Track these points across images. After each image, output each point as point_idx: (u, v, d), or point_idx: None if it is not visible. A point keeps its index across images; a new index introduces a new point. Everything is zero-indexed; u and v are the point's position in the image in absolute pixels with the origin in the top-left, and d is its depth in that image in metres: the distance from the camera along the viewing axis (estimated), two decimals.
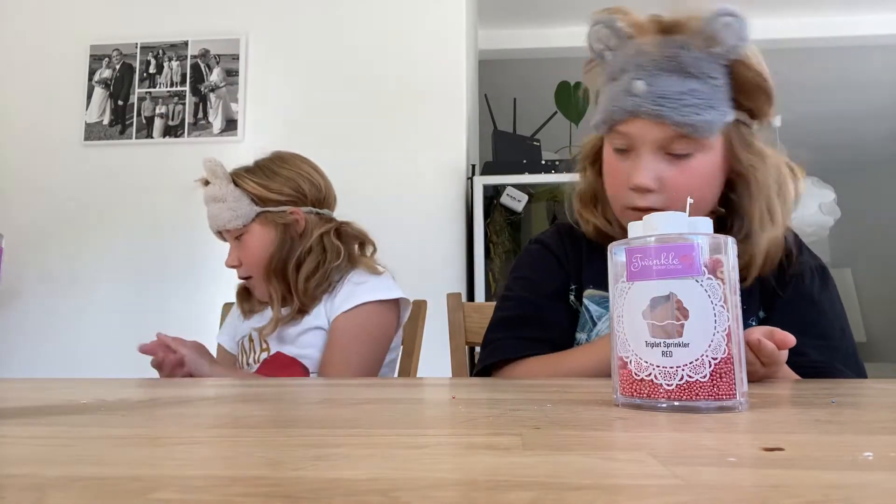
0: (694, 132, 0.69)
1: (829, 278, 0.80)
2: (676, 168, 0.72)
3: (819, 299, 0.77)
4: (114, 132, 2.30)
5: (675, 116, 0.69)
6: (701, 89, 0.69)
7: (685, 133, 0.70)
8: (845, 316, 0.79)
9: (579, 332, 0.83)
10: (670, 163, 0.72)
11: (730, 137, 0.74)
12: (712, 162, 0.73)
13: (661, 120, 0.69)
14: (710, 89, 0.70)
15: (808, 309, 0.77)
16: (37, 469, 0.24)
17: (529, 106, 2.93)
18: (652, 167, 0.72)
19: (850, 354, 0.75)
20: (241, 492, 0.20)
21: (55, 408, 0.44)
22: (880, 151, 4.74)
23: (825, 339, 0.75)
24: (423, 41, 2.28)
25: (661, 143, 0.72)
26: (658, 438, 0.30)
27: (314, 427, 0.34)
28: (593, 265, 0.85)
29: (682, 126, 0.69)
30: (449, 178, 2.21)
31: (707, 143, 0.71)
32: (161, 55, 2.33)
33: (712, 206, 0.78)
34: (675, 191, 0.72)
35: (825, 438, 0.30)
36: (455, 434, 0.32)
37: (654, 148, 0.72)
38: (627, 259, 0.41)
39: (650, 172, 0.72)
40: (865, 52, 3.33)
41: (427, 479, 0.22)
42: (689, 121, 0.69)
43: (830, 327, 0.76)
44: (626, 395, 0.41)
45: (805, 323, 0.74)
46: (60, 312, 2.18)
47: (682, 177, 0.72)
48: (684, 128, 0.69)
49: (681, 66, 0.69)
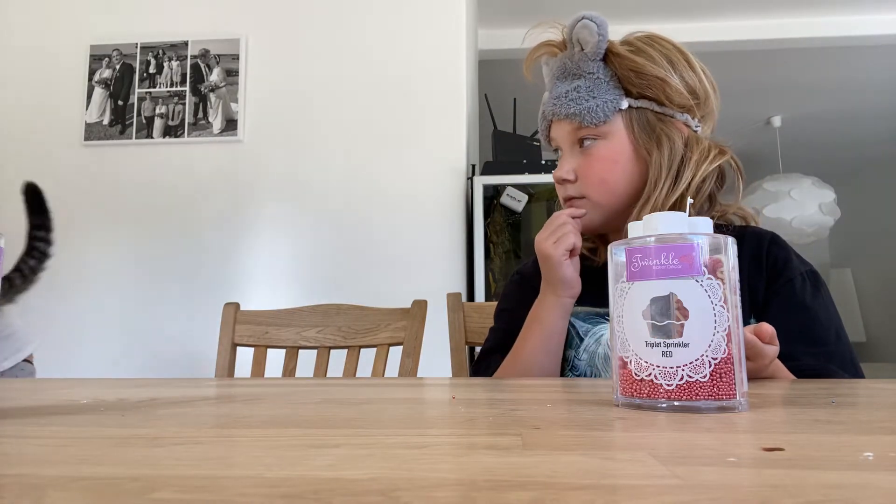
0: (581, 120, 0.80)
1: (821, 283, 0.80)
2: (584, 157, 0.83)
3: (812, 305, 0.77)
4: (114, 132, 2.30)
5: (563, 110, 0.82)
6: (583, 84, 0.81)
7: (578, 122, 0.81)
8: (840, 320, 0.79)
9: (567, 349, 0.84)
10: (581, 153, 0.83)
11: (630, 123, 0.82)
12: (615, 148, 0.82)
13: (558, 117, 0.83)
14: (591, 83, 0.81)
15: (802, 315, 0.77)
16: (37, 469, 0.24)
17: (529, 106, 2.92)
18: (568, 161, 0.84)
19: (846, 358, 0.75)
20: (241, 492, 0.20)
21: (55, 408, 0.44)
22: (880, 151, 4.74)
23: (821, 344, 0.75)
24: (423, 41, 2.28)
25: (570, 137, 0.83)
26: (658, 438, 0.30)
27: (314, 427, 0.34)
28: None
29: (571, 117, 0.81)
30: (449, 178, 2.21)
31: (604, 130, 0.81)
32: (161, 55, 2.33)
33: (626, 187, 0.83)
34: (585, 177, 0.82)
35: (825, 438, 0.30)
36: (455, 434, 0.32)
37: (569, 144, 0.84)
38: (627, 259, 0.41)
39: (567, 165, 0.83)
40: (865, 52, 3.33)
41: (427, 479, 0.22)
42: (573, 111, 0.81)
43: (825, 332, 0.76)
44: (626, 395, 0.41)
45: (799, 329, 0.74)
46: (60, 312, 2.18)
47: (589, 164, 0.82)
48: (573, 118, 0.81)
49: (566, 71, 0.83)
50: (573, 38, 0.81)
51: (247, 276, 2.20)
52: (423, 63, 2.27)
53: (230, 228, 2.23)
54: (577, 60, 0.82)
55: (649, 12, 3.06)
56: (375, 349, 1.22)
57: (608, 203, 0.82)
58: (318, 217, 2.22)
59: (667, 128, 0.81)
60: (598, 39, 0.80)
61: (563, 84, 0.83)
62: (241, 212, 2.24)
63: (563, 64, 0.83)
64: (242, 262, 2.21)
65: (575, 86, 0.81)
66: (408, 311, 1.23)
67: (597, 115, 0.80)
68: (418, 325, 1.21)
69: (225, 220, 2.23)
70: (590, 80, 0.81)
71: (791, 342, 0.62)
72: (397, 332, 1.22)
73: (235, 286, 2.19)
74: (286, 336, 1.27)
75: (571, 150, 0.84)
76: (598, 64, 0.81)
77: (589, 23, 0.80)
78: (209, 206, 2.24)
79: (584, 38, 0.80)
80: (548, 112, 0.85)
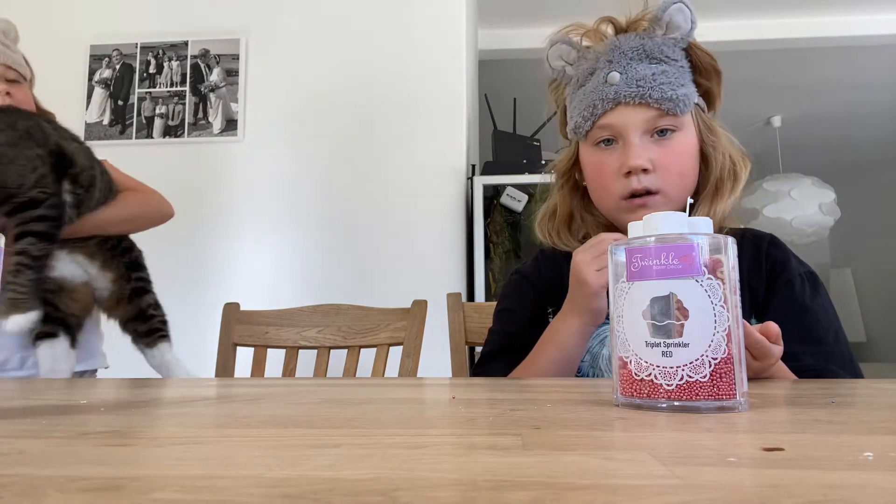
0: (674, 107, 0.75)
1: (819, 284, 0.81)
2: (663, 148, 0.76)
3: (811, 305, 0.78)
4: (114, 132, 2.30)
5: (655, 94, 0.74)
6: (669, 70, 0.75)
7: (666, 110, 0.75)
8: (839, 321, 0.79)
9: None
10: (656, 143, 0.76)
11: (696, 119, 0.79)
12: (690, 141, 0.78)
13: (643, 100, 0.75)
14: (677, 70, 0.76)
15: (801, 315, 0.77)
16: (37, 469, 0.24)
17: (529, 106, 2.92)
18: (645, 149, 0.76)
19: (846, 358, 0.75)
20: (241, 492, 0.20)
21: (54, 408, 0.44)
22: (880, 151, 4.74)
23: (820, 344, 0.75)
24: (423, 41, 2.28)
25: (646, 124, 0.76)
26: (658, 438, 0.30)
27: (314, 427, 0.34)
28: None
29: (662, 102, 0.74)
30: (449, 178, 2.21)
31: (684, 121, 0.77)
32: (161, 55, 2.33)
33: (693, 185, 0.81)
34: (665, 169, 0.76)
35: (825, 438, 0.30)
36: (455, 434, 0.32)
37: (640, 131, 0.76)
38: (627, 259, 0.41)
39: (644, 153, 0.75)
40: (865, 52, 3.33)
41: (427, 479, 0.22)
42: (667, 96, 0.74)
43: (825, 332, 0.77)
44: (626, 395, 0.41)
45: (799, 329, 0.74)
46: None
47: (669, 156, 0.76)
48: (665, 103, 0.74)
49: (647, 53, 0.76)
50: (662, 20, 0.76)
51: (247, 276, 2.20)
52: (423, 63, 2.27)
53: (230, 228, 2.23)
54: (660, 44, 0.76)
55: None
56: (375, 349, 1.22)
57: (679, 200, 0.77)
58: (317, 217, 2.22)
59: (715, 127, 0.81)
60: (690, 27, 0.76)
61: (641, 66, 0.75)
62: (240, 212, 2.24)
63: (640, 45, 0.76)
64: (242, 262, 2.21)
65: (661, 70, 0.75)
66: (408, 311, 1.23)
67: (685, 104, 0.75)
68: (418, 326, 1.21)
69: (225, 220, 2.23)
70: (675, 67, 0.76)
71: (790, 342, 0.62)
72: (397, 333, 1.22)
73: (235, 286, 2.19)
74: (286, 336, 1.27)
75: (643, 139, 0.76)
76: (682, 52, 0.77)
77: (684, 7, 0.75)
78: (209, 205, 2.24)
79: (676, 22, 0.75)
80: (624, 94, 0.75)
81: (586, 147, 0.82)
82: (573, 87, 0.82)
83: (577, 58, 0.82)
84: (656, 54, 0.76)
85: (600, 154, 0.79)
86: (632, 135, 0.76)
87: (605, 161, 0.79)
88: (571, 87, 0.83)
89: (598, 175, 0.81)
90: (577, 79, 0.81)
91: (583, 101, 0.79)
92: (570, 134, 0.83)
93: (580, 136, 0.81)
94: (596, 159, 0.80)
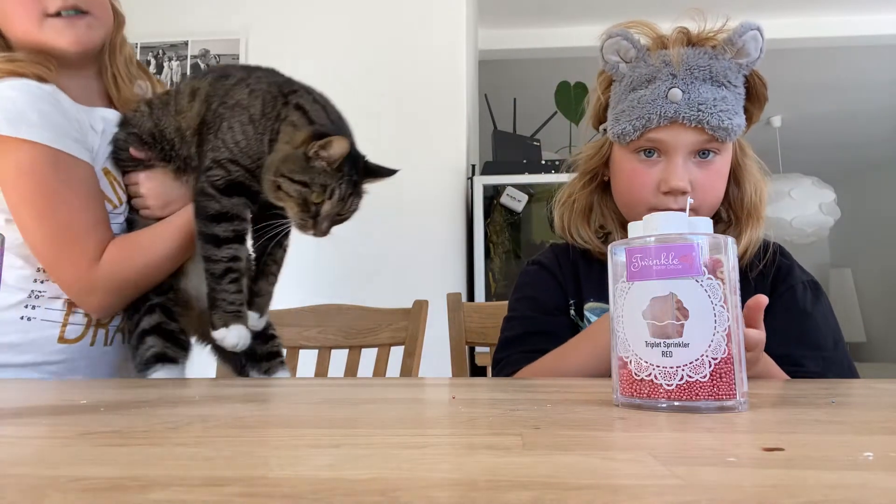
0: (726, 136, 0.75)
1: (821, 292, 0.83)
2: (703, 170, 0.77)
3: (812, 312, 0.80)
4: None
5: (713, 121, 0.74)
6: (729, 97, 0.75)
7: (717, 137, 0.75)
8: (839, 330, 0.81)
9: None
10: (698, 165, 0.77)
11: (736, 143, 0.81)
12: (727, 163, 0.80)
13: (700, 125, 0.74)
14: (735, 97, 0.76)
15: (802, 321, 0.79)
16: (37, 469, 0.24)
17: (529, 106, 2.93)
18: (687, 171, 0.76)
19: (844, 365, 0.78)
20: (240, 492, 0.20)
21: (54, 408, 0.44)
22: (880, 151, 4.74)
23: (819, 349, 0.77)
24: (423, 41, 2.28)
25: (694, 146, 0.76)
26: (658, 438, 0.30)
27: (314, 427, 0.34)
28: (592, 278, 0.86)
29: (717, 130, 0.74)
30: (449, 178, 2.21)
31: (727, 145, 0.78)
32: (161, 55, 2.33)
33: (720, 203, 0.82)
34: (703, 191, 0.77)
35: (825, 438, 0.30)
36: (455, 434, 0.32)
37: (686, 152, 0.76)
38: (627, 259, 0.41)
39: (686, 174, 0.76)
40: (865, 52, 3.32)
41: (427, 479, 0.22)
42: (724, 125, 0.74)
43: (824, 338, 0.79)
44: (626, 395, 0.41)
45: (799, 334, 0.77)
46: None
47: (708, 178, 0.77)
48: (719, 132, 0.74)
49: (712, 75, 0.75)
50: (736, 44, 0.74)
51: None
52: (423, 63, 2.27)
53: None
54: (725, 68, 0.75)
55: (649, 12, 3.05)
56: (376, 349, 1.22)
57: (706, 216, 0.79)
58: None
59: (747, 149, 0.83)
60: (758, 56, 0.75)
61: (704, 87, 0.75)
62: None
63: (708, 65, 0.75)
64: None
65: (722, 96, 0.75)
66: (408, 311, 1.23)
67: (736, 133, 0.76)
68: (419, 326, 1.21)
69: None
70: (734, 94, 0.76)
71: (790, 345, 0.62)
72: (398, 332, 1.22)
73: None
74: (287, 336, 1.27)
75: (685, 160, 0.76)
76: (742, 78, 0.77)
77: (759, 36, 0.74)
78: None
79: (748, 49, 0.74)
80: (683, 115, 0.74)
81: (624, 152, 0.80)
82: (625, 88, 0.79)
83: (635, 58, 0.79)
84: (720, 78, 0.75)
85: (639, 164, 0.78)
86: (679, 154, 0.76)
87: (643, 172, 0.78)
88: (622, 87, 0.80)
89: (632, 184, 0.80)
90: (630, 80, 0.79)
91: (635, 110, 0.77)
92: (612, 137, 0.81)
93: (623, 142, 0.79)
94: (633, 168, 0.79)
